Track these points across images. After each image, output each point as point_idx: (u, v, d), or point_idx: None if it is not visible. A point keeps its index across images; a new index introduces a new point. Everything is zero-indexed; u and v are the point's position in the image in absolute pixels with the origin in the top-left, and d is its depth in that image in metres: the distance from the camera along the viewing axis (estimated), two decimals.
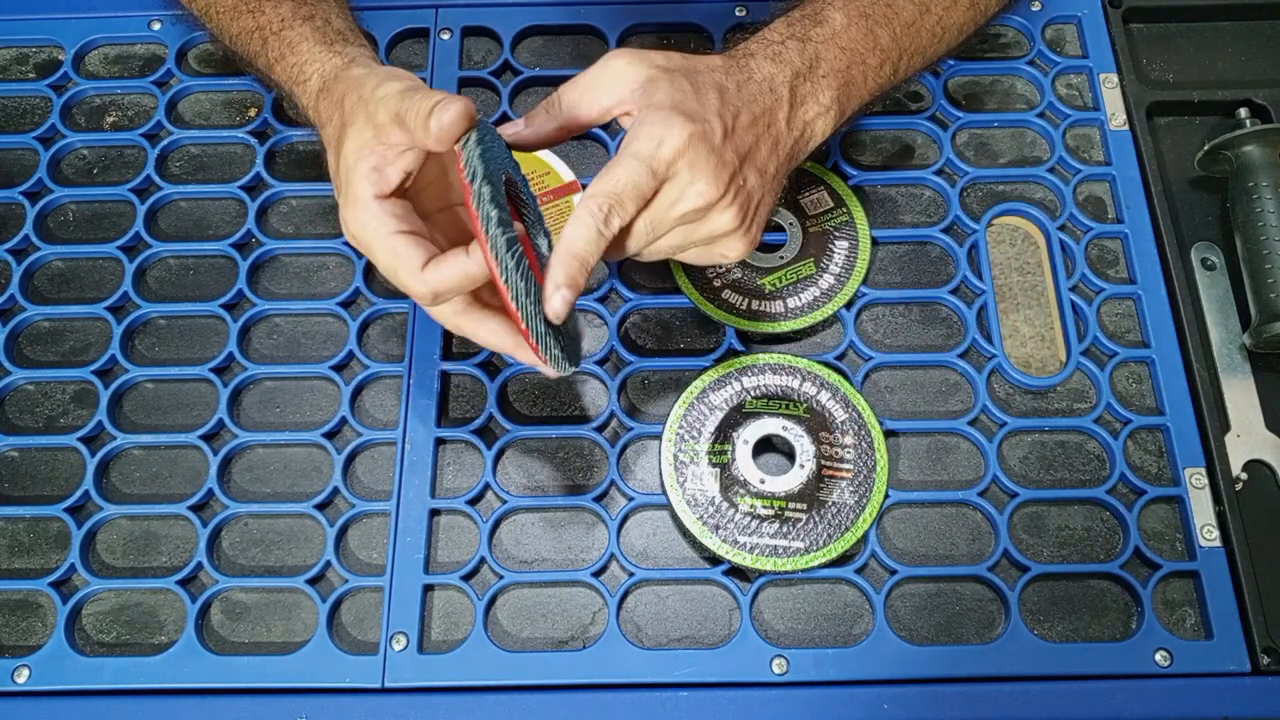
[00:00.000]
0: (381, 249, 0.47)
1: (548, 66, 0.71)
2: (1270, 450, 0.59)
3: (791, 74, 0.52)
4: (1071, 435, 0.61)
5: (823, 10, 0.56)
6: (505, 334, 0.49)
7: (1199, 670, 0.54)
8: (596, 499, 0.59)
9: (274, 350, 0.63)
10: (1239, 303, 0.63)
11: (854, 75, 0.55)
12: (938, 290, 0.63)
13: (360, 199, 0.47)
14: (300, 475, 0.60)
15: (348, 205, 0.48)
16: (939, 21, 0.58)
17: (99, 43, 0.72)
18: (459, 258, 0.46)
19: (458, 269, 0.46)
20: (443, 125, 0.45)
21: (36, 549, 0.59)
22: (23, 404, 0.63)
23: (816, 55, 0.54)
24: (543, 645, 0.56)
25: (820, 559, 0.55)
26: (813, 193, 0.65)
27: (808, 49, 0.54)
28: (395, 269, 0.47)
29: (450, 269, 0.46)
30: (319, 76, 0.53)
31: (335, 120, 0.50)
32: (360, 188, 0.47)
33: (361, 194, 0.47)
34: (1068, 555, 0.58)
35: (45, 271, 0.66)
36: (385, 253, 0.47)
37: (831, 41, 0.54)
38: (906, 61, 0.58)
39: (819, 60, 0.54)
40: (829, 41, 0.54)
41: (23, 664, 0.55)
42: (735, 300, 0.62)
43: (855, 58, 0.55)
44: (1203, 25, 0.73)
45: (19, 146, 0.69)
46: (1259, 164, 0.63)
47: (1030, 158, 0.68)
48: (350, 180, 0.48)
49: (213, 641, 0.57)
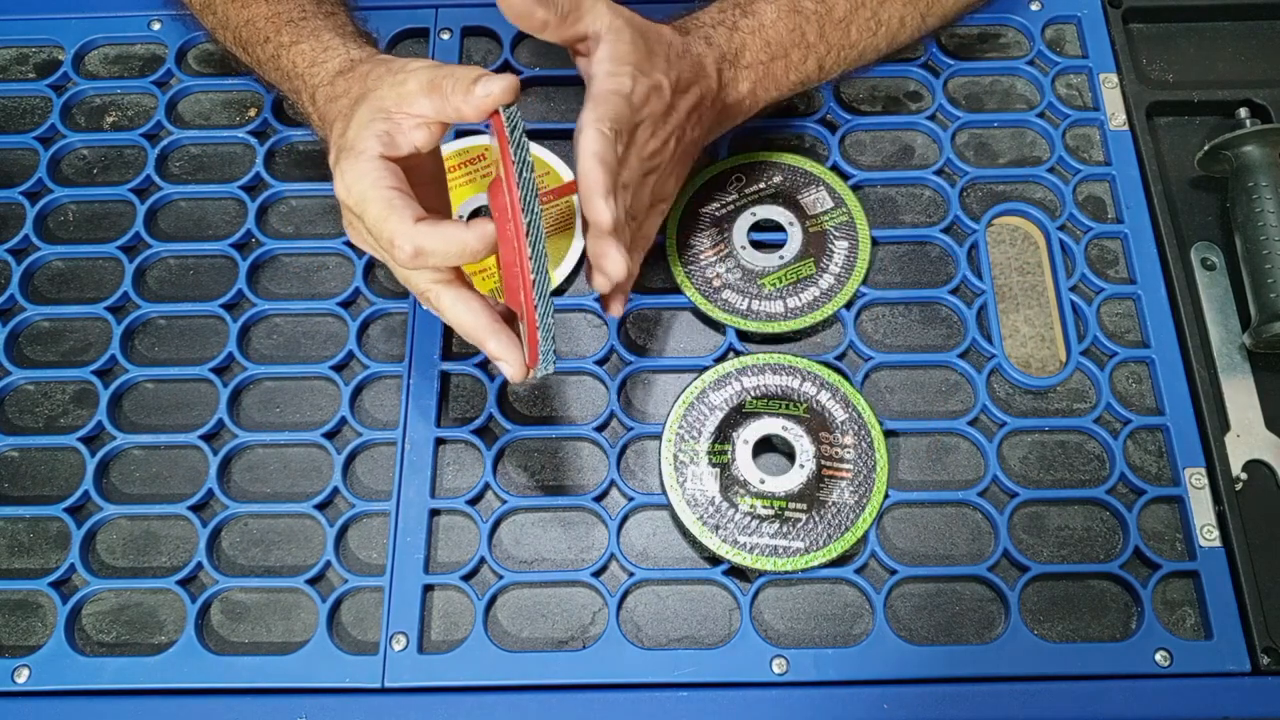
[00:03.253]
0: (376, 199, 0.46)
1: (548, 66, 0.71)
2: (1270, 450, 0.59)
3: (718, 57, 0.55)
4: (1071, 435, 0.61)
5: (755, 2, 0.58)
6: (482, 315, 0.49)
7: (1199, 670, 0.54)
8: (596, 499, 0.59)
9: (274, 350, 0.63)
10: (1239, 303, 0.63)
11: (775, 69, 0.58)
12: (938, 290, 0.63)
13: (365, 153, 0.47)
14: (300, 475, 0.60)
15: (348, 157, 0.47)
16: (873, 16, 0.60)
17: (99, 43, 0.72)
18: (455, 225, 0.46)
19: (451, 234, 0.45)
20: (490, 93, 0.45)
21: (36, 549, 0.59)
22: (23, 404, 0.63)
23: (742, 45, 0.57)
24: (543, 645, 0.56)
25: (820, 559, 0.55)
26: (813, 193, 0.65)
27: (735, 37, 0.56)
28: (386, 217, 0.46)
29: (443, 232, 0.45)
30: (342, 59, 0.54)
31: (354, 91, 0.50)
32: (367, 143, 0.47)
33: (367, 148, 0.47)
34: (1068, 555, 0.58)
35: (45, 271, 0.66)
36: (379, 203, 0.46)
37: (757, 34, 0.57)
38: (836, 55, 0.60)
39: (744, 50, 0.57)
40: (755, 33, 0.57)
41: (23, 664, 0.55)
42: (735, 300, 0.62)
43: (779, 51, 0.57)
44: (1203, 25, 0.73)
45: (19, 146, 0.69)
46: (1259, 164, 0.63)
47: (1030, 158, 0.68)
48: (359, 135, 0.47)
49: (213, 641, 0.57)
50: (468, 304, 0.49)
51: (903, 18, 0.62)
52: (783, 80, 0.59)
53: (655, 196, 0.55)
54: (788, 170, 0.66)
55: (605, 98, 0.48)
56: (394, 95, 0.47)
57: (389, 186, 0.46)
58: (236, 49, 0.62)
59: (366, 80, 0.50)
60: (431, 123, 0.47)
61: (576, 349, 0.63)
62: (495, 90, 0.45)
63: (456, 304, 0.49)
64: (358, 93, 0.50)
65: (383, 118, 0.47)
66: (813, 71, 0.60)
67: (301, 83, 0.56)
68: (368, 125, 0.47)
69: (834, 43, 0.59)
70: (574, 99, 0.71)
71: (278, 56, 0.57)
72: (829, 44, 0.59)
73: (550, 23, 0.48)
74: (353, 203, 0.47)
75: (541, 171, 0.66)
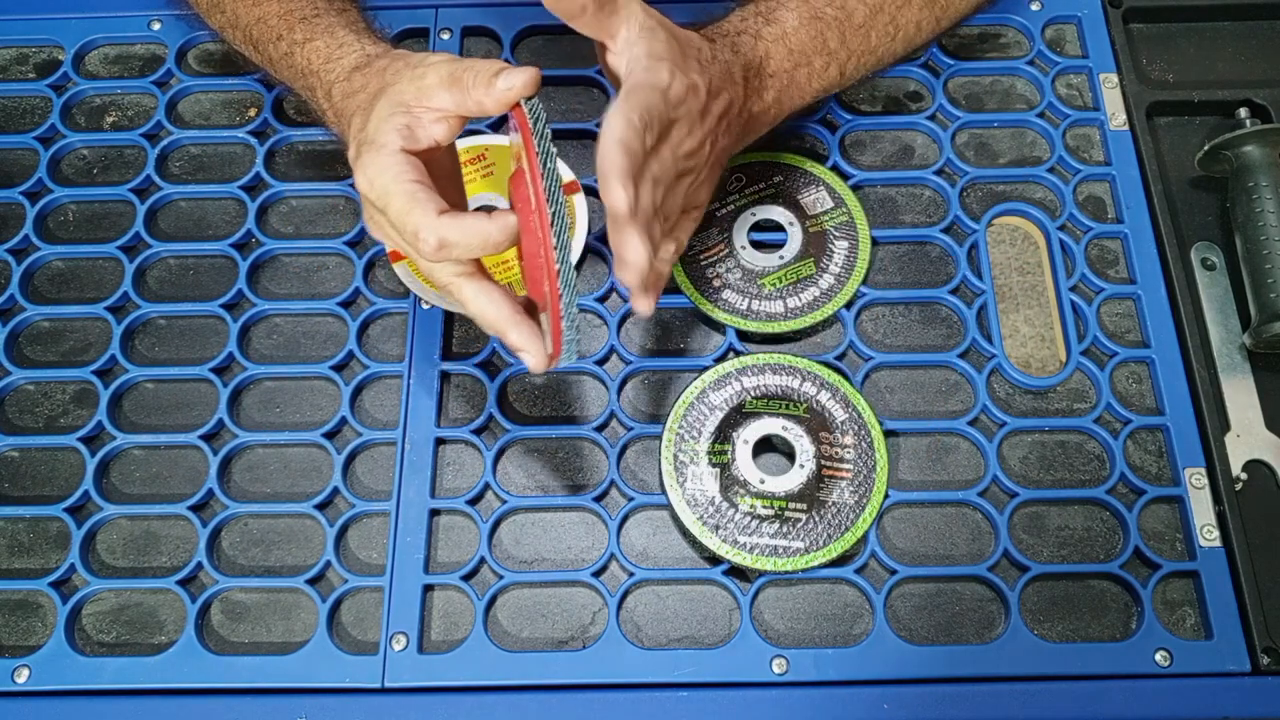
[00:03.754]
0: (399, 192, 0.46)
1: (548, 66, 0.70)
2: (1270, 450, 0.59)
3: (744, 65, 0.54)
4: (1071, 435, 0.61)
5: (776, 10, 0.57)
6: (505, 306, 0.48)
7: (1199, 670, 0.54)
8: (596, 499, 0.59)
9: (274, 350, 0.63)
10: (1239, 303, 0.63)
11: (798, 77, 0.57)
12: (938, 290, 0.63)
13: (386, 146, 0.47)
14: (300, 475, 0.60)
15: (370, 151, 0.47)
16: (891, 21, 0.60)
17: (99, 43, 0.72)
18: (479, 217, 0.46)
19: (475, 226, 0.45)
20: (513, 85, 0.45)
21: (36, 549, 0.59)
22: (23, 404, 0.63)
23: (766, 53, 0.56)
24: (543, 645, 0.56)
25: (820, 559, 0.55)
26: (813, 193, 0.65)
27: (759, 45, 0.56)
28: (410, 210, 0.46)
29: (467, 224, 0.45)
30: (359, 55, 0.54)
31: (371, 86, 0.50)
32: (388, 136, 0.47)
33: (388, 142, 0.47)
34: (1068, 555, 0.58)
35: (45, 271, 0.66)
36: (402, 196, 0.46)
37: (781, 41, 0.56)
38: (855, 62, 0.60)
39: (768, 58, 0.56)
40: (778, 41, 0.56)
41: (23, 664, 0.55)
42: (735, 300, 0.62)
43: (801, 60, 0.57)
44: (1203, 25, 0.73)
45: (19, 146, 0.69)
46: (1259, 164, 0.63)
47: (1030, 158, 0.68)
48: (380, 129, 0.47)
49: (213, 641, 0.57)
50: (490, 295, 0.48)
51: (919, 22, 0.61)
52: (806, 88, 0.58)
53: (689, 203, 0.53)
54: (788, 170, 0.66)
55: (638, 89, 0.46)
56: (413, 89, 0.47)
57: (411, 180, 0.46)
58: (247, 48, 0.61)
59: (385, 75, 0.50)
60: (451, 116, 0.47)
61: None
62: (517, 83, 0.46)
63: (479, 295, 0.48)
64: (376, 87, 0.50)
65: (402, 111, 0.47)
66: (834, 78, 0.59)
67: (316, 80, 0.56)
68: (388, 119, 0.47)
69: (855, 48, 0.59)
70: (574, 99, 0.71)
71: (291, 54, 0.57)
72: (850, 50, 0.59)
73: (589, 9, 0.47)
74: (375, 196, 0.47)
75: None
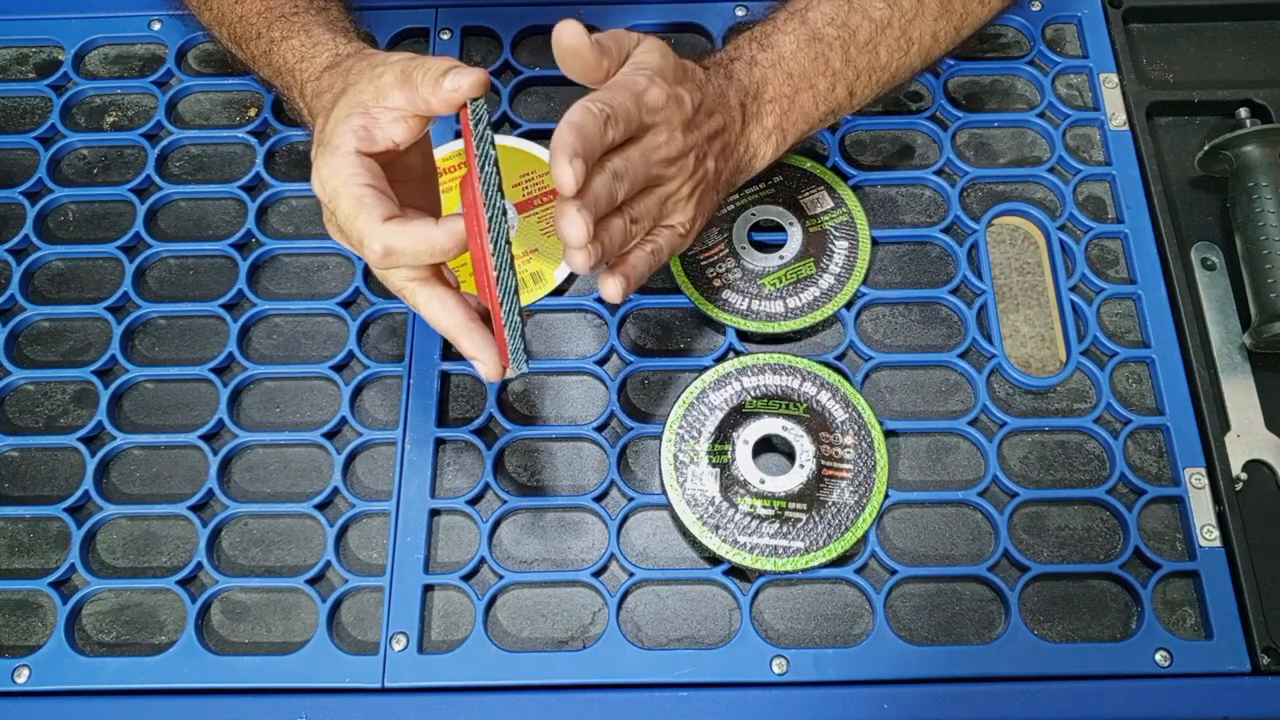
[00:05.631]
0: (347, 195, 0.45)
1: (548, 66, 0.71)
2: (1270, 450, 0.59)
3: (739, 90, 0.53)
4: (1071, 435, 0.61)
5: (771, 34, 0.56)
6: (457, 312, 0.48)
7: (1199, 670, 0.54)
8: (596, 499, 0.59)
9: (274, 350, 0.63)
10: (1239, 303, 0.63)
11: (801, 101, 0.56)
12: (938, 290, 0.63)
13: (340, 148, 0.46)
14: (300, 475, 0.60)
15: (324, 153, 0.46)
16: (902, 35, 0.58)
17: (99, 43, 0.72)
18: (425, 223, 0.45)
19: (421, 233, 0.45)
20: (459, 86, 0.44)
21: (36, 549, 0.59)
22: (23, 404, 0.63)
23: (763, 79, 0.55)
24: (543, 645, 0.56)
25: (820, 559, 0.55)
26: (813, 193, 0.65)
27: (754, 72, 0.55)
28: (356, 215, 0.45)
29: (412, 230, 0.45)
30: (331, 54, 0.53)
31: (337, 86, 0.50)
32: (343, 138, 0.46)
33: (342, 144, 0.46)
34: (1068, 555, 0.58)
35: (45, 271, 0.66)
36: (350, 200, 0.45)
37: (777, 67, 0.55)
38: (867, 79, 0.58)
39: (765, 84, 0.55)
40: (775, 66, 0.55)
41: (23, 664, 0.55)
42: (735, 300, 0.62)
43: (803, 83, 0.55)
44: (1203, 25, 0.73)
45: (19, 146, 0.69)
46: (1259, 164, 0.63)
47: (1030, 158, 0.68)
48: (335, 130, 0.47)
49: (213, 641, 0.57)
50: (443, 302, 0.48)
51: (935, 33, 0.59)
52: (811, 112, 0.56)
53: (666, 213, 0.52)
54: (788, 170, 0.66)
55: (611, 87, 0.47)
56: (371, 89, 0.47)
57: (362, 183, 0.46)
58: (232, 45, 0.61)
59: (349, 75, 0.49)
60: (409, 116, 0.47)
61: (576, 349, 0.63)
62: (464, 84, 0.45)
63: (431, 302, 0.48)
64: (340, 87, 0.49)
65: (360, 112, 0.47)
66: (843, 99, 0.57)
67: (292, 78, 0.55)
68: (345, 120, 0.47)
69: (863, 66, 0.57)
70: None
71: (270, 52, 0.56)
72: (857, 69, 0.57)
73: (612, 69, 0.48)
74: (326, 199, 0.47)
75: (541, 171, 0.66)
